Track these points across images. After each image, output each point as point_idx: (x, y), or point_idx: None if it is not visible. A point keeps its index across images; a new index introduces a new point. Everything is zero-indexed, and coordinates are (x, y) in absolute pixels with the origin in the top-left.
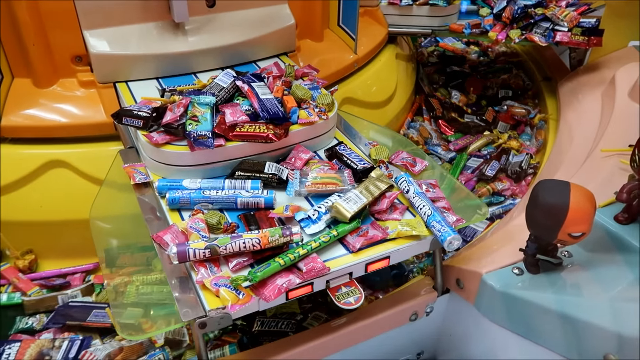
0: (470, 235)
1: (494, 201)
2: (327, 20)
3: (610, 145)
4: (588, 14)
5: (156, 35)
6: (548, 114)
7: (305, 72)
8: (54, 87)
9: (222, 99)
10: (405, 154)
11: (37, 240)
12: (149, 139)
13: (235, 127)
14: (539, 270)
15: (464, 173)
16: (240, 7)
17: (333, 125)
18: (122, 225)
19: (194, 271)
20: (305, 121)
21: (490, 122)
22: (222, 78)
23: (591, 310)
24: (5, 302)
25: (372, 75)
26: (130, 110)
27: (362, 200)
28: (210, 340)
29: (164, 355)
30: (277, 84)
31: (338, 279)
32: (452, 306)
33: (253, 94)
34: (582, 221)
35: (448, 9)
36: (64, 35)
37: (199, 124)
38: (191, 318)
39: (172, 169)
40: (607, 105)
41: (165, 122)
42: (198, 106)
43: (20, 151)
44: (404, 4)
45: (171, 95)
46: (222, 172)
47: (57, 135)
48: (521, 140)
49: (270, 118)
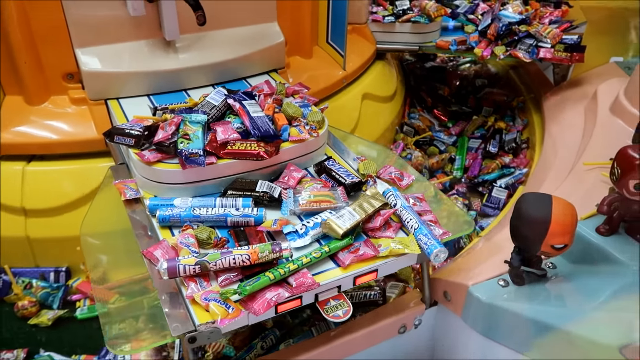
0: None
1: (506, 172)
2: (316, 37)
3: (592, 158)
4: (570, 30)
5: (147, 52)
6: (525, 97)
7: (296, 89)
8: (46, 104)
9: (213, 117)
10: (393, 168)
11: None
12: (140, 157)
13: (227, 145)
14: (524, 281)
15: (469, 153)
16: (230, 25)
17: (324, 143)
18: (113, 241)
19: (184, 286)
20: (296, 138)
21: (474, 108)
22: (213, 96)
23: (574, 320)
24: (86, 314)
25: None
26: (122, 128)
27: (355, 217)
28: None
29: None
30: (268, 101)
31: (327, 293)
32: (440, 318)
33: (244, 112)
34: (564, 233)
35: (430, 25)
36: (55, 53)
37: (191, 142)
38: (181, 333)
39: (163, 187)
40: (590, 120)
41: (157, 140)
42: (190, 124)
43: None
44: (387, 21)
45: (163, 113)
46: (213, 189)
47: (49, 152)
48: (505, 121)
49: (261, 136)
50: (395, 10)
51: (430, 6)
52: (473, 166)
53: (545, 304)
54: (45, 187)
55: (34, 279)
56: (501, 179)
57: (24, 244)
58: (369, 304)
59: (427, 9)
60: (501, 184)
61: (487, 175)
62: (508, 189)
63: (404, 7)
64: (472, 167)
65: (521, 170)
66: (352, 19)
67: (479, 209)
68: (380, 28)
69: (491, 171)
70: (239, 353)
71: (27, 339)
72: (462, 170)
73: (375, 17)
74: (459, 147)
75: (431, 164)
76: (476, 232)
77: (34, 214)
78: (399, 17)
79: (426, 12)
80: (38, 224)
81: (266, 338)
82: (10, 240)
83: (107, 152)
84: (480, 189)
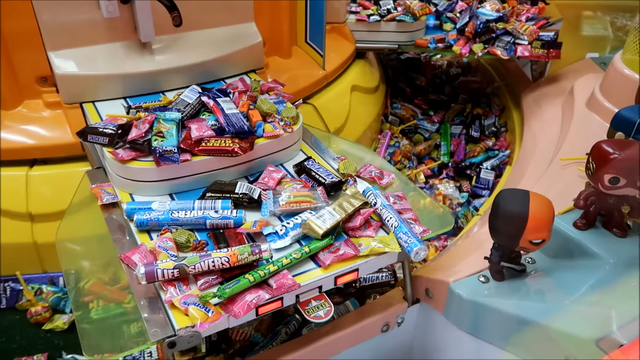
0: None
1: (491, 155)
2: (294, 37)
3: (569, 153)
4: (547, 27)
5: (123, 54)
6: (498, 83)
7: (271, 86)
8: (19, 108)
9: (188, 114)
10: (373, 167)
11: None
12: (114, 155)
13: (201, 142)
14: (503, 277)
15: (453, 139)
16: (207, 26)
17: (298, 138)
18: (90, 246)
19: (162, 290)
20: (270, 134)
21: (450, 96)
22: (187, 94)
23: (552, 315)
24: (101, 314)
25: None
26: (95, 127)
27: (335, 217)
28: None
29: None
30: (243, 98)
31: (308, 293)
32: (423, 316)
33: (219, 109)
34: (542, 228)
35: (415, 24)
36: (28, 57)
37: (165, 140)
38: (160, 338)
39: (139, 185)
40: (567, 115)
41: (131, 138)
42: (163, 122)
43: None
44: (372, 20)
45: (137, 112)
46: (188, 186)
47: (24, 157)
48: (482, 107)
49: (235, 132)
50: (380, 10)
51: (415, 5)
52: (458, 151)
53: (524, 299)
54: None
55: (43, 284)
56: (487, 161)
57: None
58: (382, 285)
59: (411, 8)
60: (487, 166)
61: (474, 159)
62: (494, 170)
63: (388, 6)
64: (458, 152)
65: (504, 152)
66: (331, 18)
67: (469, 190)
68: (365, 27)
69: (477, 154)
70: (265, 340)
71: (45, 344)
72: (448, 155)
73: (360, 17)
74: (443, 133)
75: (419, 151)
76: (471, 212)
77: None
78: (383, 17)
79: (411, 11)
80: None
81: (289, 324)
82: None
83: (83, 156)
84: (468, 172)
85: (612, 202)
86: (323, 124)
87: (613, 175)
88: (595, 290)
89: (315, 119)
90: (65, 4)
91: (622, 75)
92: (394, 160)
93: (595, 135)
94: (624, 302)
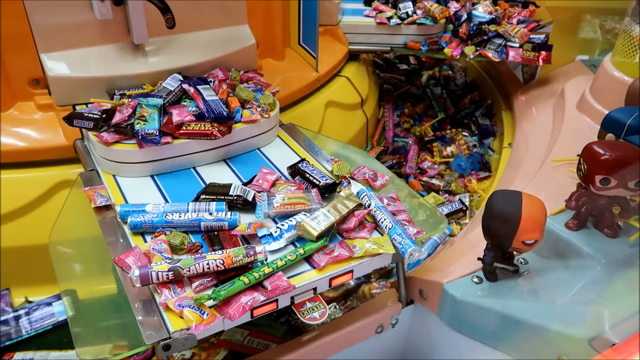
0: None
1: (478, 105)
2: (288, 40)
3: (561, 154)
4: (537, 30)
5: (116, 57)
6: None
7: (250, 76)
8: (11, 111)
9: (169, 101)
10: (367, 169)
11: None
12: (99, 138)
13: (182, 126)
14: (497, 278)
15: (440, 99)
16: (200, 28)
17: (275, 124)
18: (83, 248)
19: (157, 293)
20: (248, 119)
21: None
22: (169, 82)
23: (545, 315)
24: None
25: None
26: (81, 112)
27: (330, 218)
28: None
29: None
30: (223, 87)
31: (303, 295)
32: (417, 317)
33: (199, 96)
34: (534, 229)
35: (434, 27)
36: (20, 59)
37: (147, 123)
38: (155, 341)
39: (123, 166)
40: (558, 117)
41: (115, 122)
42: (146, 107)
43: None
44: (393, 23)
45: (120, 98)
46: (170, 168)
47: (16, 160)
48: (445, 70)
49: (215, 117)
50: (399, 13)
51: (435, 8)
52: (448, 106)
53: (518, 299)
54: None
55: None
56: (476, 110)
57: None
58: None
59: (432, 11)
60: (478, 114)
61: (466, 110)
62: (487, 117)
63: (408, 9)
64: (448, 107)
65: (486, 102)
66: (324, 20)
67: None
68: (386, 30)
69: (467, 106)
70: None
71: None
72: (442, 111)
73: (380, 20)
74: (430, 95)
75: (418, 110)
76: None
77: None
78: (403, 20)
79: (431, 14)
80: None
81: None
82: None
83: (76, 158)
84: (466, 122)
85: (603, 203)
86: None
87: (604, 176)
88: (588, 290)
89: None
90: (57, 5)
91: (611, 77)
92: (402, 122)
93: (586, 136)
94: (615, 301)
